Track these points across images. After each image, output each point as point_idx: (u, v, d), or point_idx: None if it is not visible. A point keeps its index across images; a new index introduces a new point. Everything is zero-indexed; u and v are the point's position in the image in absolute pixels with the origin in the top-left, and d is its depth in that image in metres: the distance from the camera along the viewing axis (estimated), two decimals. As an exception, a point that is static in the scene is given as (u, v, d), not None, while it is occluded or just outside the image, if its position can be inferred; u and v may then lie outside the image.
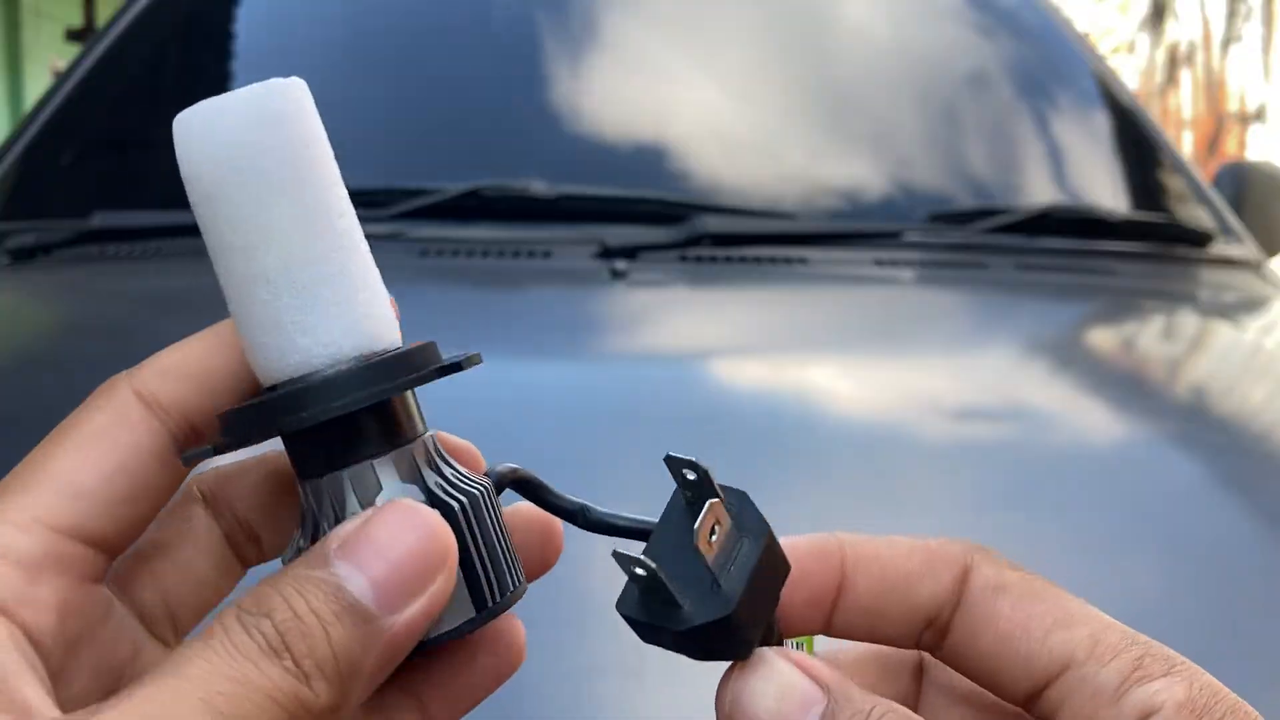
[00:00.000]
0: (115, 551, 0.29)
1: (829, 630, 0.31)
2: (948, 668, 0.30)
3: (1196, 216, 1.52)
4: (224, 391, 0.30)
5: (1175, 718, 0.26)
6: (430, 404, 0.30)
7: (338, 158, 0.31)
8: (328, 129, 0.31)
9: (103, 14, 7.21)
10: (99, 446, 0.28)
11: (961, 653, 0.29)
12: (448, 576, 0.26)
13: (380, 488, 0.28)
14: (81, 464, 0.28)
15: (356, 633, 0.24)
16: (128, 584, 0.30)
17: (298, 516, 0.29)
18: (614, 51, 1.45)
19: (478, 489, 0.29)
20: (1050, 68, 1.65)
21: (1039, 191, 1.46)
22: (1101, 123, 1.64)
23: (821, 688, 0.27)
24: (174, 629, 0.31)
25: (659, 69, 1.45)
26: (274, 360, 0.28)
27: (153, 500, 0.29)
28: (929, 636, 0.30)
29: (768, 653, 0.27)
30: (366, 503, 0.27)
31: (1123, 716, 0.26)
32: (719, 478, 0.29)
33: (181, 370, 0.30)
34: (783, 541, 0.29)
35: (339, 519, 0.27)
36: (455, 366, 0.28)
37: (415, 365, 0.28)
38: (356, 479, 0.28)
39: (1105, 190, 1.54)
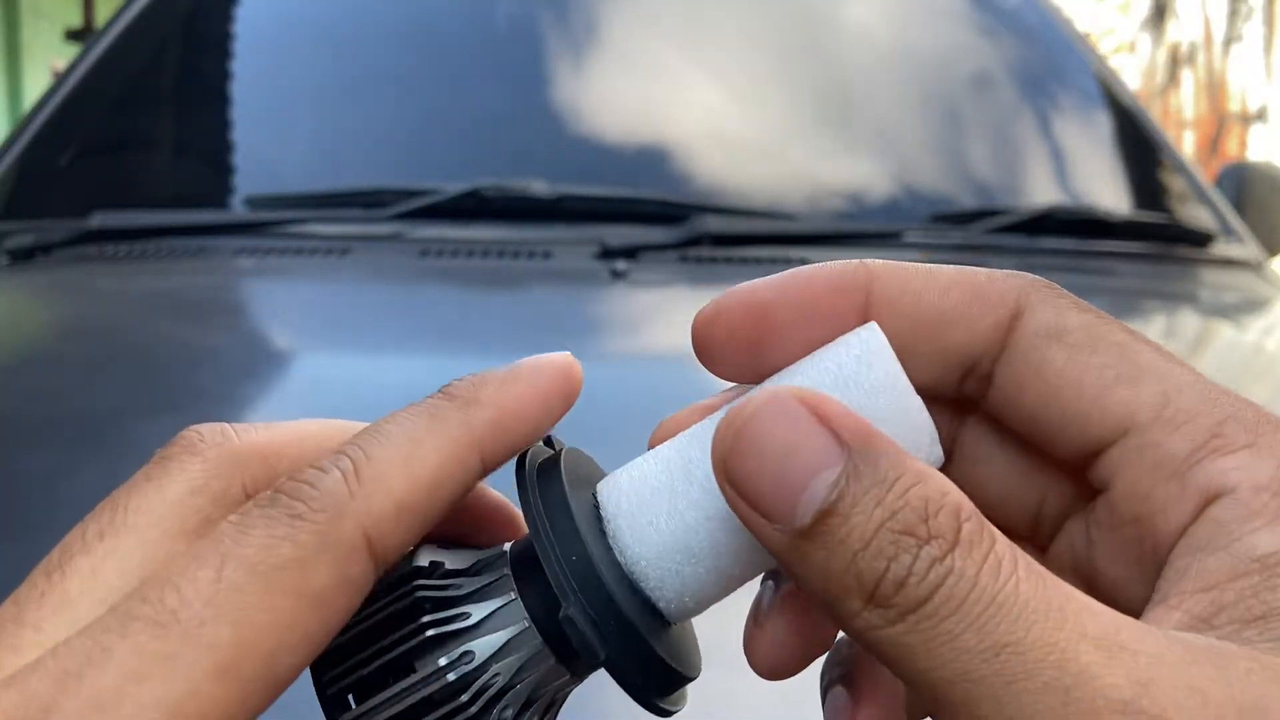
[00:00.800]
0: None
1: None
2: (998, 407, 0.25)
3: (1197, 217, 1.52)
4: (437, 520, 0.24)
5: (1251, 502, 0.21)
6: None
7: (338, 158, 0.30)
8: (328, 130, 0.30)
9: (102, 14, 7.21)
10: (310, 621, 0.21)
11: (1006, 408, 0.25)
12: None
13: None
14: (285, 645, 0.21)
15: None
16: None
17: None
18: (614, 52, 1.45)
19: None
20: (1051, 68, 1.64)
21: (1040, 192, 1.46)
22: (1102, 123, 1.64)
23: (841, 445, 0.20)
24: None
25: (659, 69, 1.45)
26: (686, 597, 0.24)
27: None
28: (971, 386, 0.25)
29: (782, 392, 0.21)
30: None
31: (1185, 495, 0.22)
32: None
33: (417, 504, 0.23)
34: (804, 270, 0.26)
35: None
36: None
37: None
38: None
39: (1106, 191, 1.54)
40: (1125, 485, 0.23)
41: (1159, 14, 11.32)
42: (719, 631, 0.29)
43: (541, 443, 0.27)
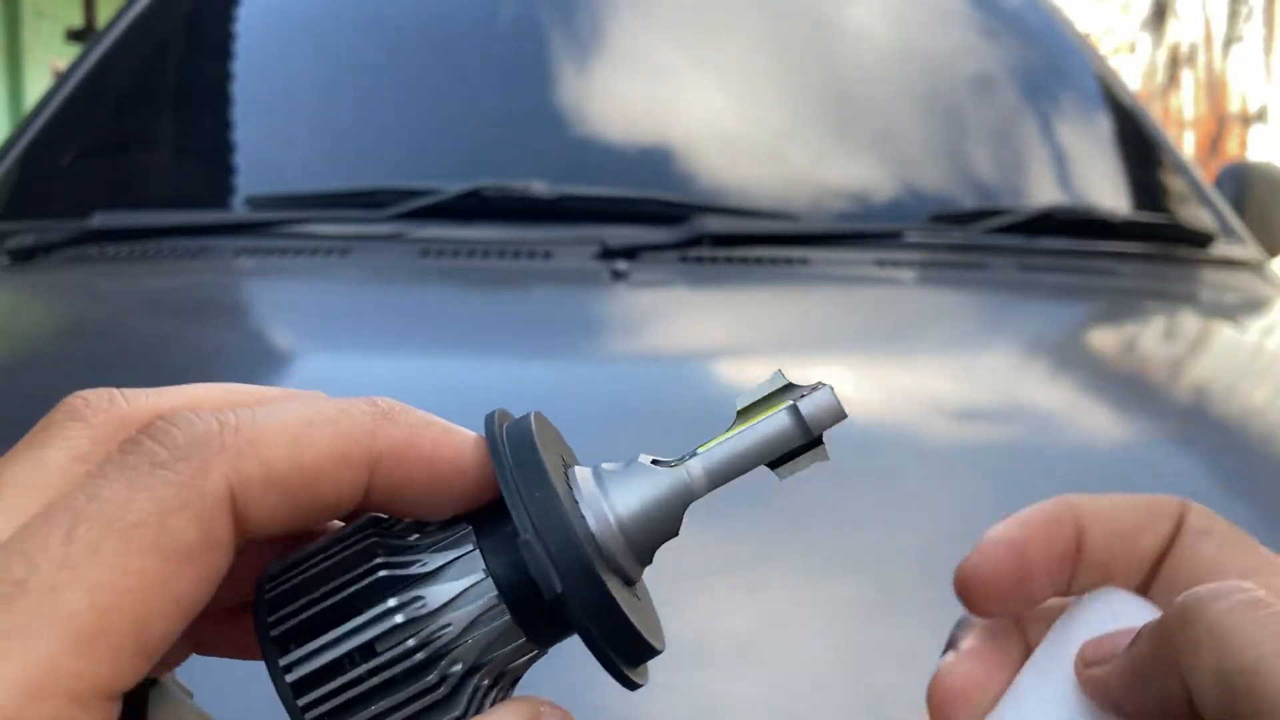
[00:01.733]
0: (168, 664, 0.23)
1: (1069, 590, 0.30)
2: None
3: (1198, 217, 1.52)
4: (309, 514, 0.22)
5: None
6: (432, 405, 0.29)
7: (339, 158, 0.30)
8: (329, 130, 0.30)
9: (103, 14, 7.21)
10: (179, 580, 0.20)
11: (1165, 595, 0.29)
12: None
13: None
14: (154, 609, 0.19)
15: None
16: None
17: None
18: (615, 52, 1.45)
19: None
20: (1051, 68, 1.64)
21: (1040, 192, 1.46)
22: (1103, 123, 1.64)
23: None
24: None
25: (660, 70, 1.45)
26: None
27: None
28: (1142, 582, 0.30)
29: None
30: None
31: None
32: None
33: (291, 485, 0.21)
34: (1016, 518, 0.31)
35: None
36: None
37: None
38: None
39: (1106, 191, 1.54)
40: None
41: (1159, 14, 11.32)
42: (717, 624, 0.29)
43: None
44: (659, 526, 0.24)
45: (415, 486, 0.23)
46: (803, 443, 0.24)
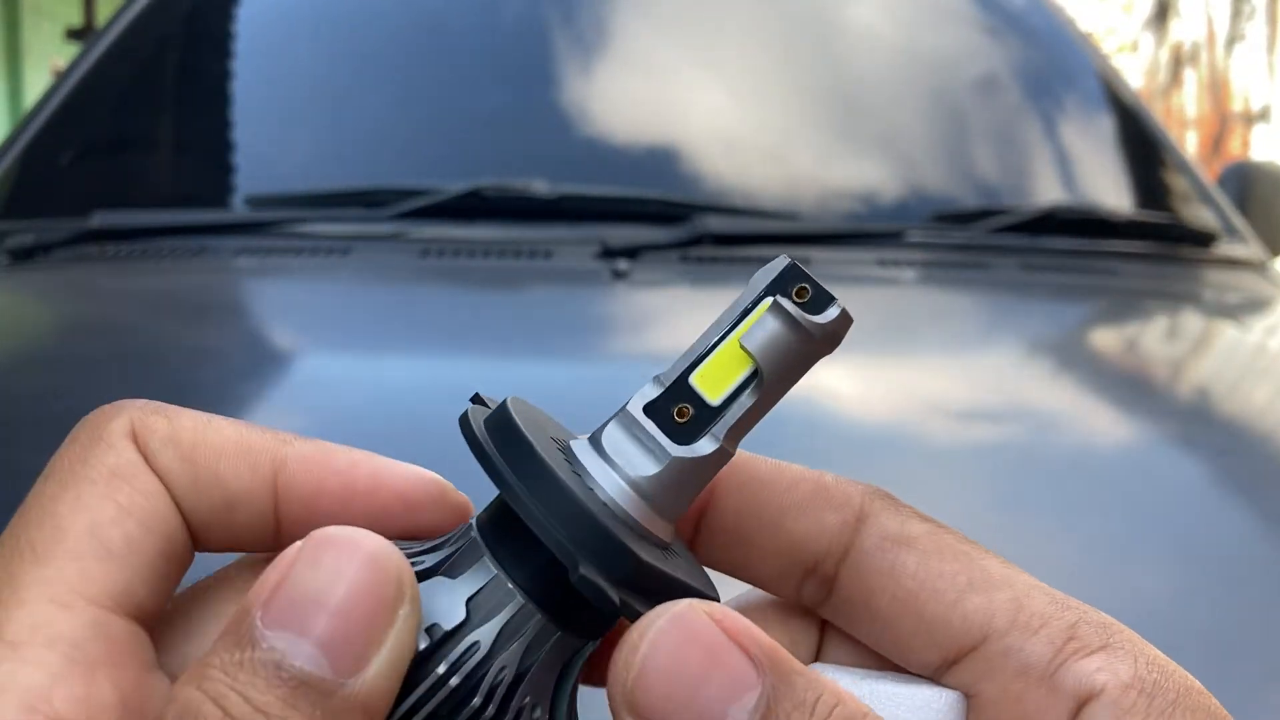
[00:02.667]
0: (152, 627, 0.23)
1: (696, 555, 0.25)
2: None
3: (1200, 217, 1.52)
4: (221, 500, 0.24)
5: (1121, 700, 0.21)
6: (432, 405, 0.29)
7: (339, 158, 0.30)
8: (329, 129, 0.30)
9: (103, 13, 7.21)
10: (119, 495, 0.22)
11: (854, 613, 0.24)
12: (411, 610, 0.20)
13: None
14: (103, 516, 0.22)
15: (319, 712, 0.19)
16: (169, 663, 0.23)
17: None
18: (615, 52, 1.45)
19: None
20: (1054, 67, 1.64)
21: (1042, 191, 1.46)
22: (1105, 122, 1.63)
23: (757, 667, 0.20)
24: None
25: (661, 69, 1.45)
26: None
27: (180, 560, 0.23)
28: (812, 589, 0.25)
29: (685, 606, 0.20)
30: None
31: (1057, 699, 0.22)
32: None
33: (184, 452, 0.23)
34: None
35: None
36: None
37: None
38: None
39: (1109, 190, 1.53)
40: (994, 691, 0.23)
41: (1162, 13, 11.32)
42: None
43: (471, 403, 0.25)
44: (678, 480, 0.23)
45: (329, 498, 0.24)
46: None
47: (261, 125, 1.42)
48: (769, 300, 0.23)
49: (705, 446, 0.23)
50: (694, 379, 0.24)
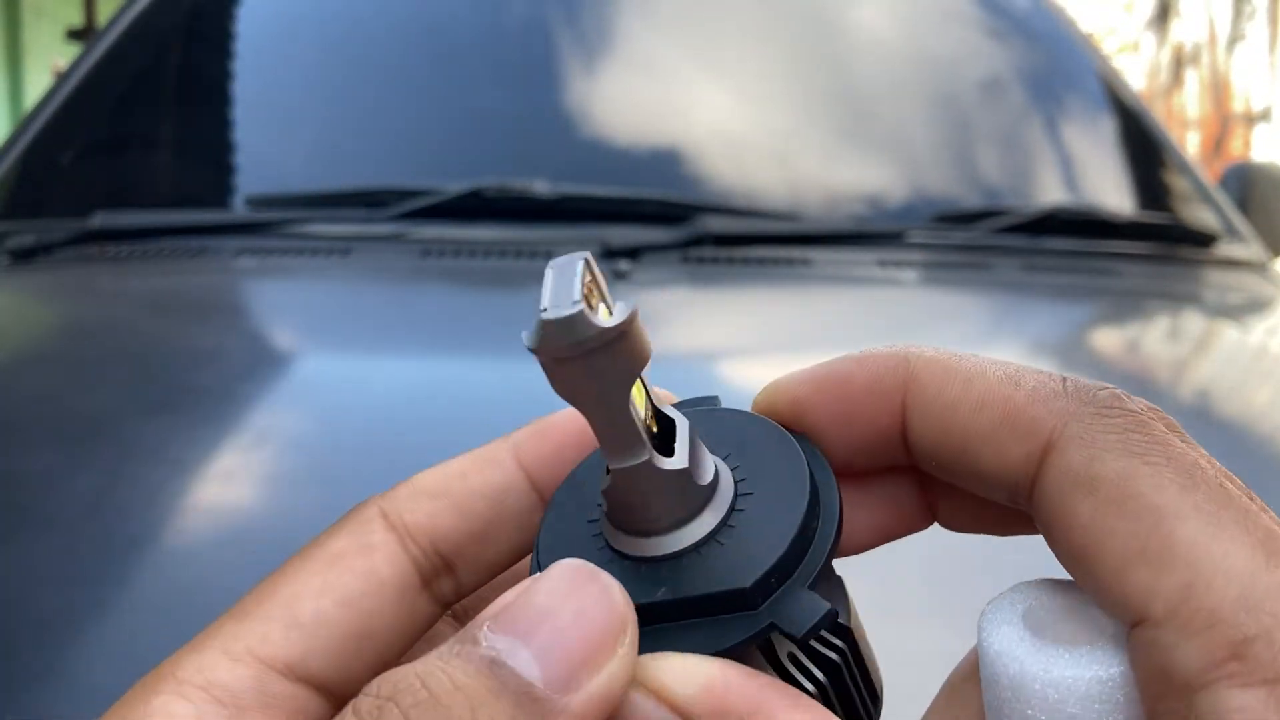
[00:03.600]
0: (338, 699, 0.24)
1: (899, 440, 0.24)
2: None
3: (1201, 217, 1.52)
4: (481, 515, 0.25)
5: None
6: (433, 405, 0.29)
7: (340, 158, 0.30)
8: (330, 130, 0.30)
9: (103, 13, 7.21)
10: (329, 573, 0.24)
11: (1051, 545, 0.22)
12: (629, 649, 0.21)
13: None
14: (305, 591, 0.24)
15: (521, 714, 0.19)
16: None
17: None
18: (616, 52, 1.45)
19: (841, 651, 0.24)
20: (1055, 69, 1.64)
21: (1044, 192, 1.46)
22: (1106, 123, 1.63)
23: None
24: None
25: (662, 70, 1.45)
26: None
27: (388, 638, 0.24)
28: (1024, 504, 0.23)
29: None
30: None
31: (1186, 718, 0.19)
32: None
33: (436, 489, 0.25)
34: (843, 367, 0.25)
35: None
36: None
37: None
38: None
39: (1110, 191, 1.53)
40: (1136, 676, 0.21)
41: (1163, 14, 11.31)
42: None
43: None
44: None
45: (563, 452, 0.26)
46: None
47: (262, 125, 1.42)
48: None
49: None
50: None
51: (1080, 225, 1.36)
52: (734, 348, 1.02)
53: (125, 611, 0.62)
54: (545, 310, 0.21)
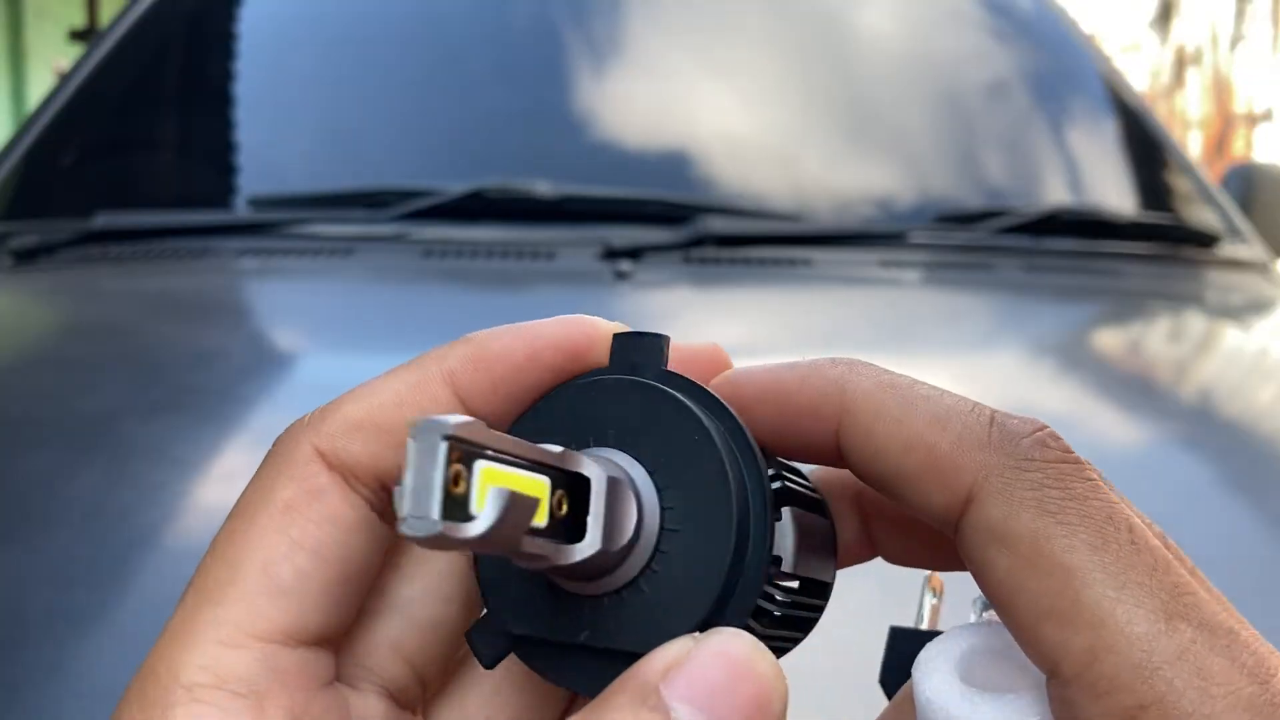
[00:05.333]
0: (338, 641, 0.24)
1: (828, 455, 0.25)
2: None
3: (1203, 218, 1.52)
4: None
5: None
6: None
7: (342, 159, 0.30)
8: (332, 130, 0.30)
9: (106, 14, 7.22)
10: (291, 529, 0.23)
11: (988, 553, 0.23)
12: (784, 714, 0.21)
13: None
14: (274, 554, 0.23)
15: None
16: (366, 667, 0.25)
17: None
18: (618, 53, 1.45)
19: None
20: (1057, 69, 1.64)
21: (1045, 193, 1.45)
22: (1108, 124, 1.63)
23: None
24: (422, 690, 0.26)
25: (664, 70, 1.45)
26: None
27: (364, 576, 0.24)
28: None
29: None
30: None
31: None
32: None
33: (369, 421, 0.25)
34: (789, 376, 0.25)
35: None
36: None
37: None
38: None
39: (1112, 191, 1.53)
40: None
41: (1165, 14, 11.31)
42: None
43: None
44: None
45: (498, 385, 0.26)
46: None
47: (264, 126, 1.42)
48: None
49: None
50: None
51: (1082, 226, 1.36)
52: (735, 348, 1.02)
53: (127, 612, 0.62)
54: (405, 514, 0.19)
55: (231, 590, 0.23)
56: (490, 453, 0.20)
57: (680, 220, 1.21)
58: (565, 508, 0.22)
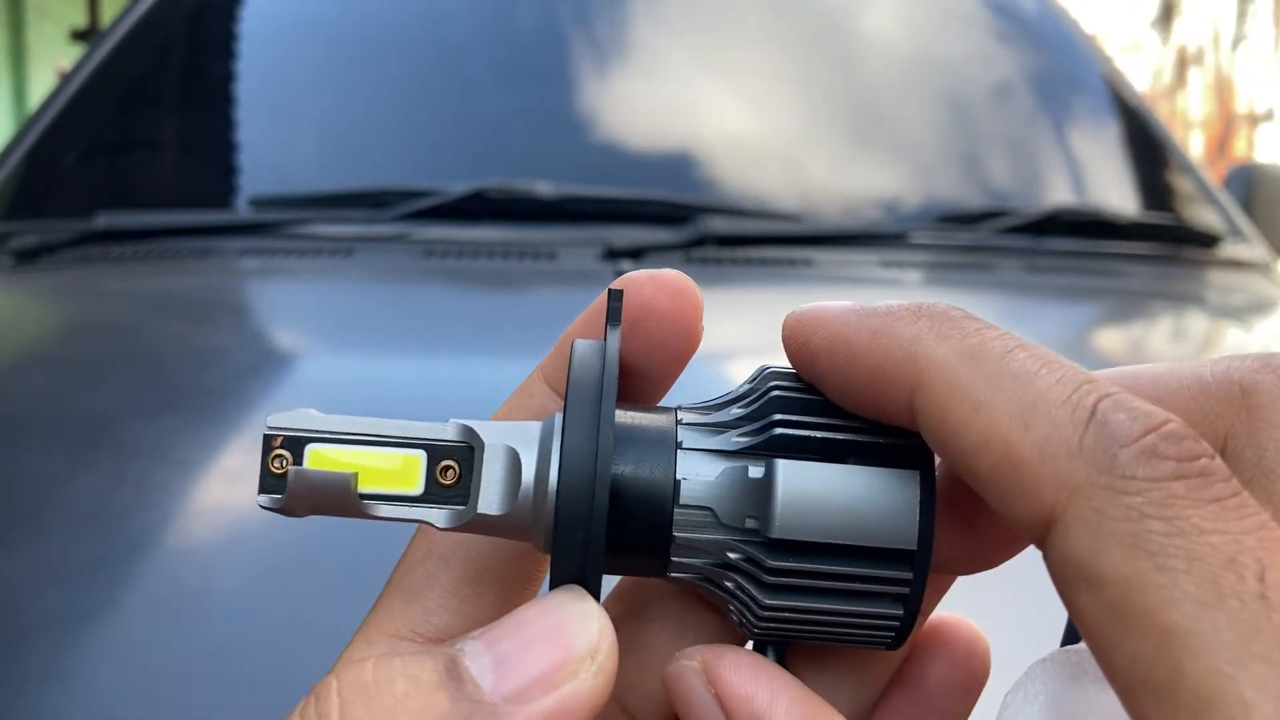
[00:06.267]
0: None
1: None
2: None
3: (1205, 218, 1.52)
4: None
5: None
6: (437, 406, 0.29)
7: (343, 159, 0.30)
8: (333, 130, 0.30)
9: (107, 14, 7.22)
10: (424, 538, 0.26)
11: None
12: (598, 676, 0.21)
13: None
14: (413, 560, 0.26)
15: (457, 714, 0.20)
16: None
17: None
18: (619, 53, 1.45)
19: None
20: (1058, 69, 1.64)
21: (1047, 193, 1.45)
22: (1110, 124, 1.63)
23: None
24: None
25: (665, 71, 1.45)
26: None
27: (501, 572, 0.26)
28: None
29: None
30: None
31: None
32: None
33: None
34: (858, 338, 0.22)
35: None
36: None
37: None
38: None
39: (1113, 192, 1.53)
40: None
41: (1166, 14, 11.30)
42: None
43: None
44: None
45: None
46: None
47: (265, 126, 1.42)
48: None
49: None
50: None
51: (1083, 226, 1.36)
52: (737, 348, 1.02)
53: (128, 612, 0.62)
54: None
55: (382, 599, 0.26)
56: (327, 436, 0.23)
57: (681, 220, 1.21)
58: (459, 477, 0.24)
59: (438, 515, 0.24)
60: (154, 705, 0.55)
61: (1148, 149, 1.60)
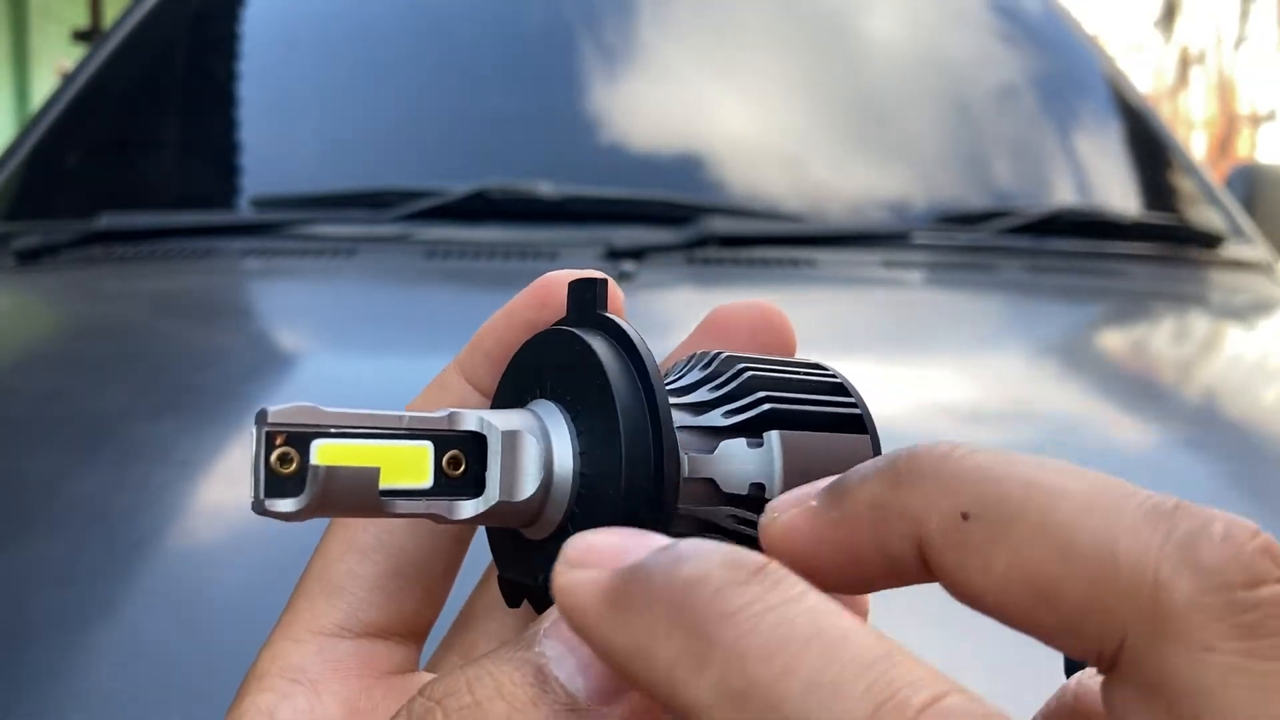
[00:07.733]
0: (401, 634, 0.27)
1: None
2: None
3: (1207, 218, 1.51)
4: None
5: None
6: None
7: (345, 159, 0.30)
8: (335, 131, 0.30)
9: (109, 15, 7.22)
10: (345, 532, 0.27)
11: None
12: None
13: None
14: (332, 555, 0.26)
15: None
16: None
17: None
18: (621, 53, 1.45)
19: None
20: (1060, 69, 1.64)
21: (1049, 193, 1.45)
22: (1112, 124, 1.63)
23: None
24: None
25: (667, 71, 1.45)
26: None
27: (424, 566, 0.27)
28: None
29: None
30: None
31: None
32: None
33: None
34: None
35: None
36: None
37: None
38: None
39: (1115, 192, 1.53)
40: None
41: (1169, 14, 11.30)
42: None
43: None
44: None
45: (493, 356, 0.29)
46: None
47: (267, 127, 1.42)
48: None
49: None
50: None
51: (1086, 226, 1.36)
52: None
53: (130, 612, 0.62)
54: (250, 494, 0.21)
55: (300, 592, 0.26)
56: (333, 430, 0.21)
57: (683, 221, 1.20)
58: (465, 466, 0.23)
59: (461, 507, 0.23)
60: (155, 705, 0.55)
61: (1150, 149, 1.60)
